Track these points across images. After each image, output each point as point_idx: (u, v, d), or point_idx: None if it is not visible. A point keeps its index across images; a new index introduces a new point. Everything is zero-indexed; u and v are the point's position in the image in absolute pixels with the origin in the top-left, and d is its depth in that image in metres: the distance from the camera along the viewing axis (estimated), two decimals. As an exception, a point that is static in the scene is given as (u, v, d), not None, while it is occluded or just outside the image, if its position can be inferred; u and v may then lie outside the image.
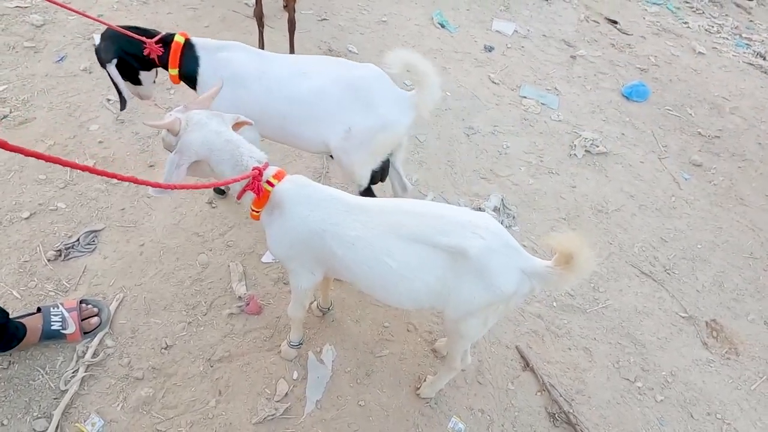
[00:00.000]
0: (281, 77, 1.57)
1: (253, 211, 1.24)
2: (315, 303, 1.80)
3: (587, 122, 3.19)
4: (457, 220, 1.18)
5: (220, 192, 2.14)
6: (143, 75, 1.68)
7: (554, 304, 2.07)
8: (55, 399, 1.48)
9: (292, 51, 2.87)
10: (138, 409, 1.50)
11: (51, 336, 1.53)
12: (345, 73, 1.57)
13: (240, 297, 1.82)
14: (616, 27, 4.34)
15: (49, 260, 1.79)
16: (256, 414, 1.54)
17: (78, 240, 1.86)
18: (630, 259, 2.39)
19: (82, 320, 1.58)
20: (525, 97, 3.25)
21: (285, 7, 3.30)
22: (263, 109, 1.59)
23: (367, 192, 1.79)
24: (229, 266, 1.91)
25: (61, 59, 2.57)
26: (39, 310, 1.55)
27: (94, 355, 1.58)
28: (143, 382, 1.56)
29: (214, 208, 2.11)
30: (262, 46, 2.86)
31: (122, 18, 2.91)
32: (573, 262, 1.11)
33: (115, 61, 1.54)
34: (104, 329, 1.63)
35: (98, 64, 1.58)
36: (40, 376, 1.51)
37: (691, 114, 3.52)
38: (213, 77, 1.55)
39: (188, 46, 1.58)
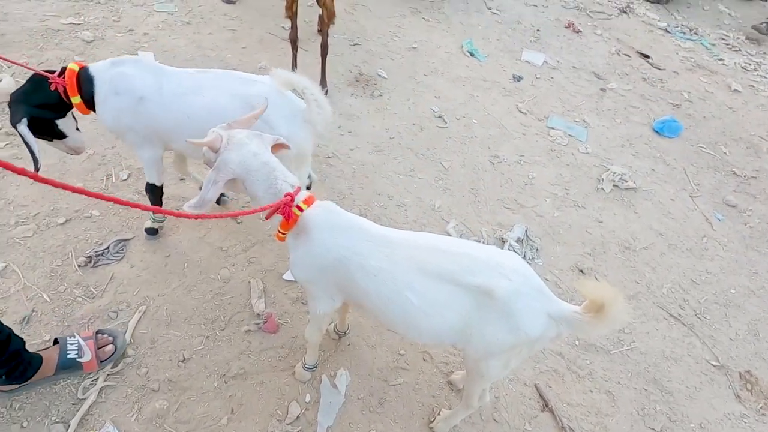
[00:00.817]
0: (177, 93, 1.57)
1: (279, 232, 1.26)
2: (332, 325, 1.79)
3: (616, 156, 3.14)
4: (484, 260, 1.17)
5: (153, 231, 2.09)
6: (62, 124, 1.60)
7: (576, 342, 2.00)
8: (73, 405, 1.50)
9: (323, 74, 2.95)
10: (152, 420, 1.51)
11: (67, 365, 1.52)
12: (240, 89, 1.57)
13: (258, 314, 1.83)
14: (648, 61, 4.30)
15: (79, 266, 1.85)
16: (267, 436, 1.53)
17: (108, 248, 1.92)
18: (658, 301, 2.30)
19: (98, 348, 1.58)
20: (553, 128, 3.23)
21: (319, 31, 3.42)
22: (163, 124, 1.60)
23: None
24: (249, 283, 1.93)
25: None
26: (56, 342, 1.56)
27: (114, 365, 1.60)
28: (158, 393, 1.57)
29: (239, 224, 2.15)
30: (294, 67, 2.96)
31: (167, 37, 3.06)
32: (604, 311, 1.08)
33: (25, 120, 1.45)
34: (118, 355, 1.62)
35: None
36: (62, 381, 1.54)
37: (725, 152, 3.42)
38: (110, 93, 1.54)
39: (83, 70, 1.54)
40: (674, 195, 2.95)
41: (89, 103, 1.56)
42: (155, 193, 1.84)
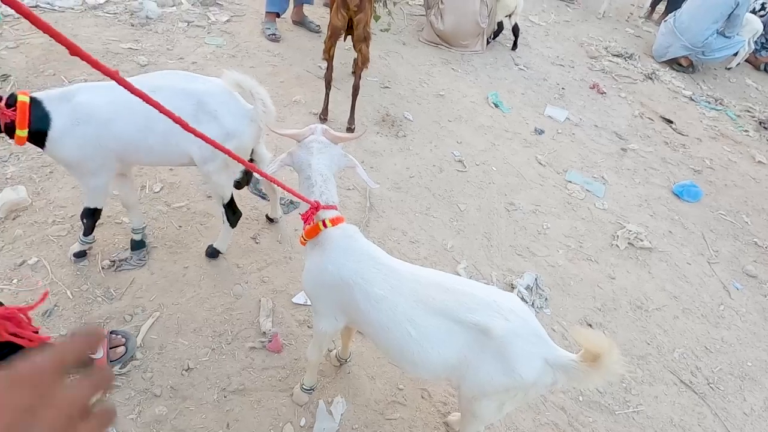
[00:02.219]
0: (132, 100, 1.65)
1: (302, 237, 1.35)
2: (334, 352, 1.82)
3: (633, 215, 3.15)
4: (484, 298, 1.21)
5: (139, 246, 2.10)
6: None
7: (580, 398, 1.96)
8: (77, 400, 1.54)
9: (352, 112, 3.13)
10: (149, 425, 1.53)
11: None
12: (191, 87, 1.63)
13: (264, 332, 1.87)
14: (671, 126, 4.38)
15: (103, 268, 1.95)
16: (258, 455, 1.53)
17: (131, 254, 2.02)
18: (669, 365, 2.23)
19: (110, 348, 1.64)
20: (570, 182, 3.29)
21: (353, 73, 3.65)
22: (128, 138, 1.60)
23: (231, 204, 1.90)
24: (260, 301, 1.99)
25: (155, 95, 2.94)
26: None
27: (123, 365, 1.66)
28: (160, 399, 1.60)
29: (257, 243, 2.24)
30: (326, 105, 3.15)
31: (212, 67, 3.32)
32: (600, 361, 1.09)
33: None
34: (127, 358, 1.67)
35: None
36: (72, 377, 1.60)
37: (747, 222, 3.39)
38: (71, 125, 1.51)
39: (35, 104, 1.47)
40: (691, 259, 2.92)
41: (36, 136, 1.49)
42: (95, 216, 1.84)
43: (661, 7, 6.77)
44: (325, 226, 1.30)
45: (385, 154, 3.07)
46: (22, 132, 1.44)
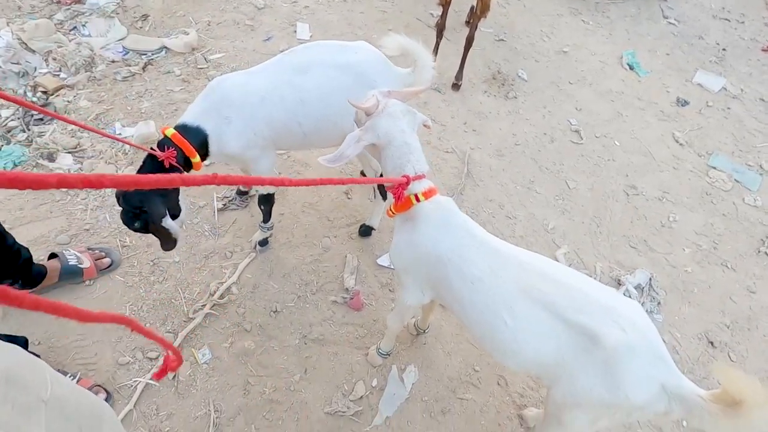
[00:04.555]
0: (284, 83, 1.51)
1: (390, 210, 1.28)
2: (414, 321, 1.79)
3: (795, 218, 2.54)
4: (599, 301, 1.04)
5: (242, 193, 2.14)
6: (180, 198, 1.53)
7: (684, 424, 1.71)
8: (184, 321, 1.74)
9: (462, 66, 2.88)
10: (239, 356, 1.68)
11: (70, 271, 1.68)
12: (343, 59, 1.55)
13: (347, 289, 1.90)
14: None
15: (217, 209, 2.10)
16: (330, 404, 1.60)
17: (236, 196, 2.15)
18: (810, 408, 1.83)
19: (95, 260, 1.76)
20: (715, 168, 2.73)
21: (467, 23, 3.33)
22: (281, 123, 1.53)
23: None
24: (346, 257, 2.01)
25: (268, 39, 3.00)
26: (53, 256, 1.73)
27: (222, 296, 1.81)
28: (249, 335, 1.74)
29: (349, 199, 2.24)
30: (435, 55, 2.93)
31: (323, 11, 3.26)
32: (741, 411, 0.88)
33: (167, 212, 1.40)
34: (116, 267, 1.81)
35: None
36: (179, 299, 1.80)
37: None
38: (224, 123, 1.47)
39: (182, 128, 1.43)
40: None
41: (203, 151, 1.47)
42: (271, 201, 1.83)
43: None
44: (417, 200, 1.20)
45: (490, 117, 2.81)
46: (195, 159, 1.42)
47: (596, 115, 2.95)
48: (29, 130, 2.29)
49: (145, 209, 1.36)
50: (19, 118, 2.33)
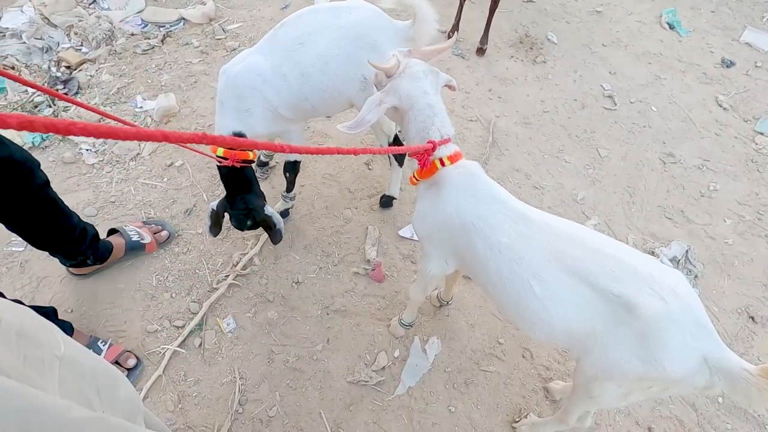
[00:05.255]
0: (283, 60, 1.46)
1: (414, 176, 1.23)
2: (437, 292, 1.76)
3: None
4: (636, 268, 0.97)
5: (263, 164, 2.13)
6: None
7: (720, 399, 1.64)
8: (208, 292, 1.76)
9: (486, 30, 2.73)
10: (263, 326, 1.70)
11: (134, 247, 1.74)
12: (339, 22, 1.47)
13: (368, 260, 1.88)
14: None
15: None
16: (352, 374, 1.61)
17: (257, 168, 2.14)
18: None
19: (154, 234, 1.81)
20: (762, 134, 2.54)
21: (493, -17, 3.15)
22: (290, 99, 1.52)
23: (396, 141, 1.80)
24: (367, 228, 1.98)
25: (285, 7, 2.91)
26: (112, 231, 1.76)
27: (244, 267, 1.82)
28: (272, 305, 1.75)
29: (370, 170, 2.20)
30: (458, 21, 2.79)
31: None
32: None
33: (264, 201, 1.57)
34: (173, 240, 1.86)
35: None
36: (203, 269, 1.82)
37: None
38: (247, 122, 1.49)
39: (235, 136, 1.48)
40: None
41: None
42: (296, 169, 1.84)
43: None
44: (443, 164, 1.15)
45: (517, 83, 2.68)
46: (249, 156, 1.51)
47: (631, 80, 2.77)
48: (55, 105, 2.32)
49: (251, 206, 1.54)
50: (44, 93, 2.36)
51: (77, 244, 1.56)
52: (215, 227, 1.62)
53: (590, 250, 1.01)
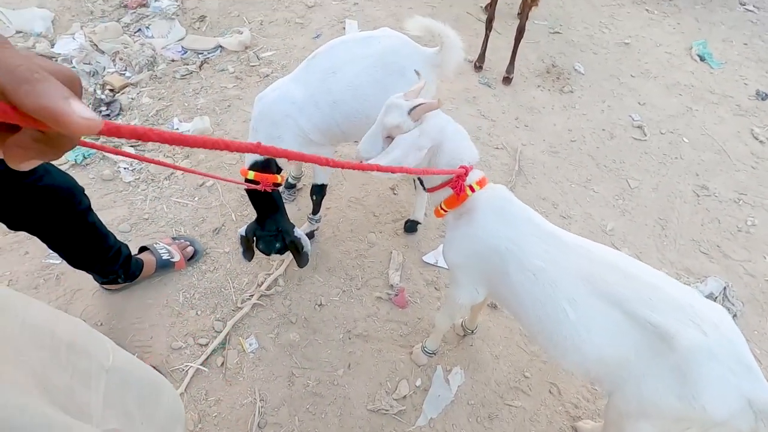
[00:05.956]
0: (317, 90, 1.50)
1: (441, 208, 1.22)
2: (461, 321, 1.72)
3: None
4: (676, 299, 0.94)
5: (290, 186, 2.16)
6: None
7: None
8: (232, 311, 1.78)
9: (512, 59, 2.77)
10: (285, 348, 1.69)
11: (164, 265, 1.78)
12: (368, 51, 1.53)
13: (392, 285, 1.87)
14: None
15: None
16: (373, 402, 1.57)
17: (284, 189, 2.18)
18: None
19: (182, 250, 1.84)
20: (802, 168, 2.45)
21: (519, 14, 3.21)
22: (321, 126, 1.55)
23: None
24: (391, 253, 1.98)
25: (317, 36, 3.03)
26: (143, 249, 1.80)
27: (269, 287, 1.84)
28: (295, 327, 1.75)
29: (395, 194, 2.21)
30: (484, 50, 2.84)
31: (372, 8, 3.26)
32: None
33: (293, 224, 1.62)
34: (200, 257, 1.89)
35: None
36: (229, 288, 1.84)
37: None
38: (272, 139, 1.52)
39: (255, 165, 1.54)
40: None
41: (278, 170, 1.59)
42: (322, 192, 1.86)
43: None
44: (472, 190, 1.15)
45: (543, 112, 2.68)
46: (277, 180, 1.55)
47: (661, 110, 2.74)
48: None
49: (281, 228, 1.58)
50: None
51: (111, 264, 1.62)
52: (248, 252, 1.65)
53: (627, 276, 0.98)
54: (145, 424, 0.64)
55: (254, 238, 1.62)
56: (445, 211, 1.22)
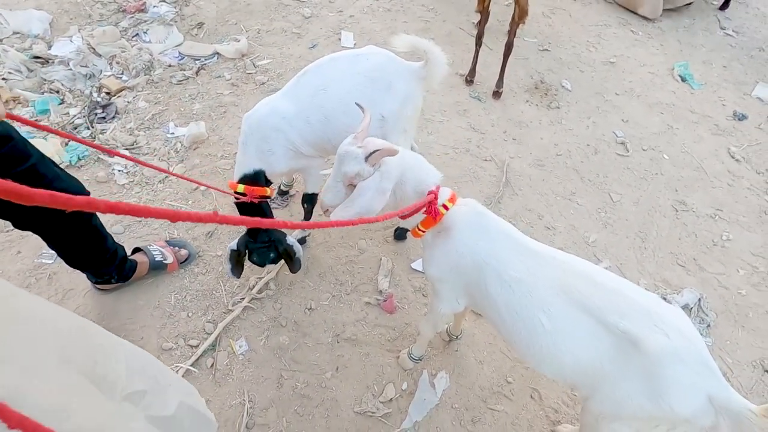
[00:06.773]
0: (307, 106, 1.58)
1: (419, 229, 1.25)
2: (446, 327, 1.77)
3: None
4: (641, 305, 1.00)
5: (283, 193, 2.21)
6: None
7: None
8: (223, 313, 1.81)
9: (501, 74, 2.86)
10: (274, 350, 1.72)
11: (156, 266, 1.81)
12: (357, 68, 1.60)
13: (381, 291, 1.92)
14: None
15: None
16: (360, 404, 1.61)
17: (277, 196, 2.23)
18: None
19: (175, 253, 1.87)
20: (774, 186, 2.57)
21: (508, 31, 3.31)
22: (312, 140, 1.63)
23: None
24: (381, 259, 2.03)
25: (313, 46, 3.10)
26: (137, 250, 1.83)
27: (260, 291, 1.87)
28: (284, 330, 1.78)
29: (385, 202, 2.27)
30: (474, 65, 2.93)
31: (367, 20, 3.34)
32: None
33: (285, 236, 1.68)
34: (193, 261, 1.92)
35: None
36: (220, 291, 1.87)
37: None
38: (268, 160, 1.59)
39: (245, 179, 1.61)
40: None
41: (267, 183, 1.67)
42: (313, 200, 1.92)
43: None
44: (446, 208, 1.19)
45: (531, 126, 2.77)
46: (266, 192, 1.64)
47: (644, 128, 2.85)
48: (93, 127, 2.47)
49: (273, 238, 1.64)
50: (84, 116, 2.52)
51: (107, 265, 1.65)
52: (237, 268, 1.67)
53: (597, 286, 1.05)
54: (173, 386, 0.70)
55: (247, 251, 1.66)
56: (423, 231, 1.25)
